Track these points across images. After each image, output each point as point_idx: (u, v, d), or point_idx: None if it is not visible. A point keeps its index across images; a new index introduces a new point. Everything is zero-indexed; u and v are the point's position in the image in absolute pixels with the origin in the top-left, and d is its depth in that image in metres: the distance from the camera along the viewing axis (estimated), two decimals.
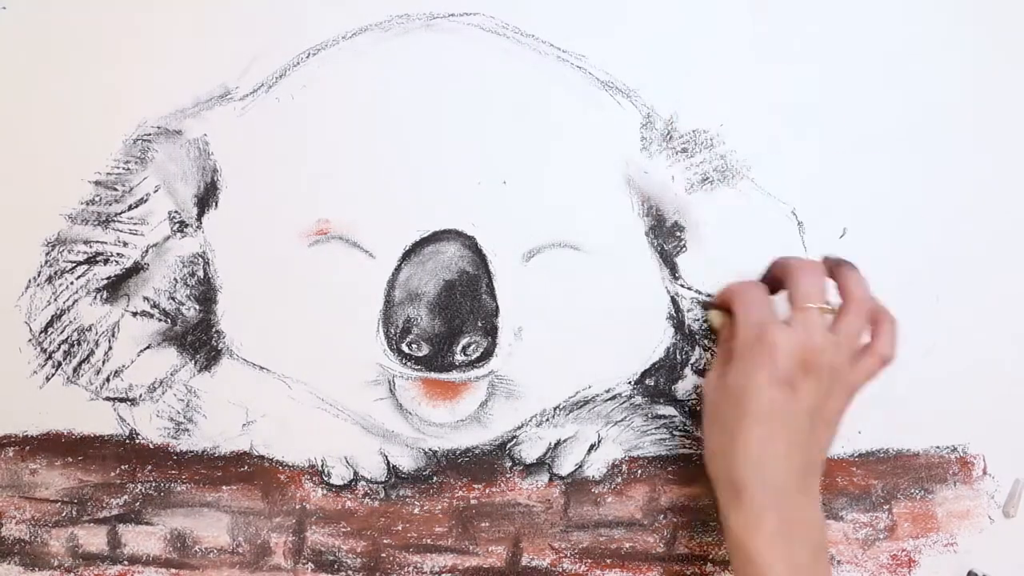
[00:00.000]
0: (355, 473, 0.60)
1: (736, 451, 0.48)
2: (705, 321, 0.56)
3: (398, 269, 0.56)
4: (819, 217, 0.57)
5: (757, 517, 0.47)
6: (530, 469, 0.60)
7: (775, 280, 0.53)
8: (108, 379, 0.58)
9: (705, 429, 0.52)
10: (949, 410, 0.60)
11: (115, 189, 0.56)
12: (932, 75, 0.56)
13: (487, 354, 0.57)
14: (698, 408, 0.57)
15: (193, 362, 0.58)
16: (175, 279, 0.57)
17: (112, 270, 0.57)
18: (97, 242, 0.57)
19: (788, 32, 0.55)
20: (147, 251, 0.57)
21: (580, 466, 0.60)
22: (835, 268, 0.52)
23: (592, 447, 0.60)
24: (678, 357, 0.59)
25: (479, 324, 0.56)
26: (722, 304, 0.54)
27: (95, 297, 0.57)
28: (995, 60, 0.56)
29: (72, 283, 0.57)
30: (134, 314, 0.58)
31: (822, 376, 0.48)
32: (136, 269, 0.57)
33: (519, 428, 0.59)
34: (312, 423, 0.59)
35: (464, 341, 0.56)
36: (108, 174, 0.56)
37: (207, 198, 0.56)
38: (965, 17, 0.55)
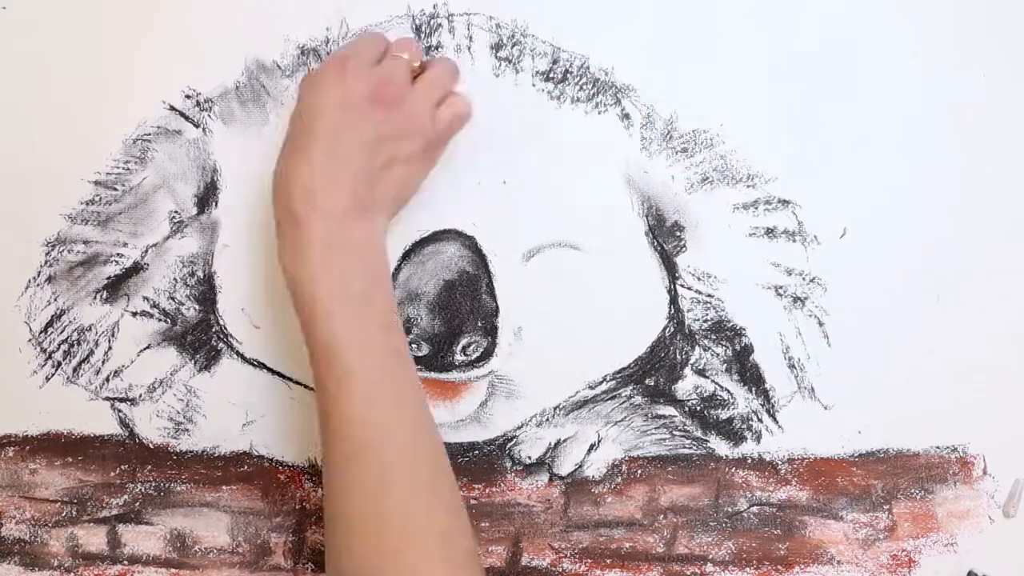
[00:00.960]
0: None
1: (295, 174, 0.46)
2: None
3: (398, 269, 0.56)
4: (819, 217, 0.57)
5: (305, 242, 0.46)
6: (530, 469, 0.60)
7: None
8: (108, 379, 0.58)
9: (279, 158, 0.49)
10: (949, 410, 0.60)
11: (115, 189, 0.56)
12: (934, 75, 0.56)
13: (487, 354, 0.57)
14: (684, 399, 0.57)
15: (193, 362, 0.58)
16: (175, 279, 0.57)
17: (112, 270, 0.57)
18: (97, 242, 0.57)
19: (789, 31, 0.55)
20: (147, 251, 0.57)
21: (580, 466, 0.60)
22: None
23: (592, 447, 0.60)
24: (678, 357, 0.59)
25: (479, 324, 0.56)
26: None
27: (95, 297, 0.57)
28: (998, 60, 0.56)
29: (72, 283, 0.57)
30: (134, 314, 0.58)
31: (393, 111, 0.48)
32: (136, 269, 0.57)
33: (519, 428, 0.59)
34: (312, 423, 0.59)
35: (464, 341, 0.56)
36: (108, 174, 0.56)
37: (207, 198, 0.56)
38: (967, 16, 0.55)
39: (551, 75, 0.55)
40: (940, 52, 0.55)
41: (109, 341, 0.58)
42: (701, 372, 0.59)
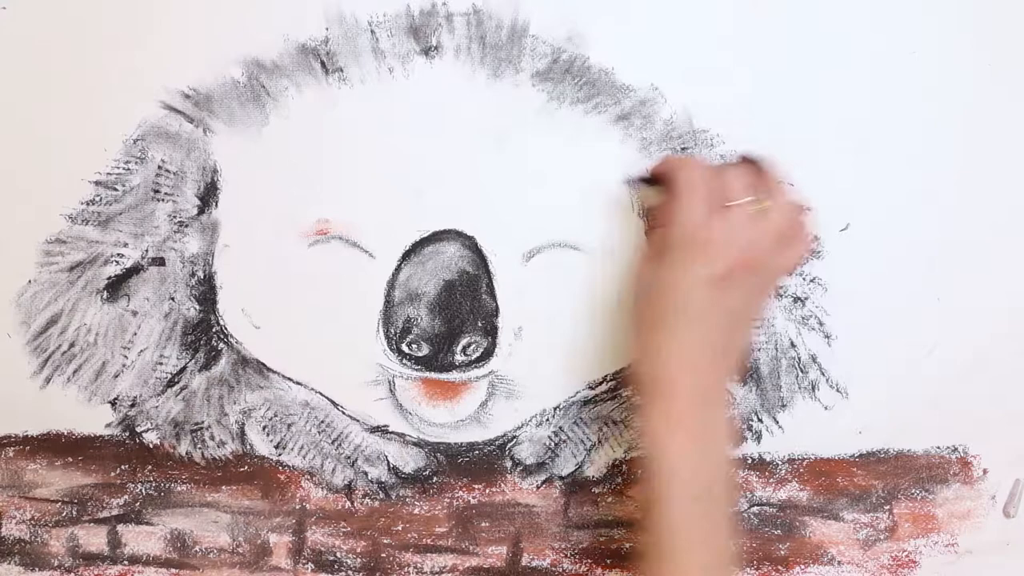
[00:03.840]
0: (355, 473, 0.60)
1: (668, 350, 0.47)
2: (638, 198, 0.54)
3: (398, 269, 0.56)
4: (821, 217, 0.57)
5: (676, 419, 0.46)
6: (530, 469, 0.60)
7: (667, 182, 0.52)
8: (108, 379, 0.58)
9: (635, 322, 0.50)
10: (949, 410, 0.60)
11: (115, 189, 0.56)
12: (934, 74, 0.56)
13: (487, 354, 0.57)
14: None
15: (193, 362, 0.58)
16: (175, 279, 0.57)
17: (112, 270, 0.57)
18: (97, 242, 0.57)
19: (790, 31, 0.55)
20: (147, 251, 0.57)
21: (580, 466, 0.60)
22: (756, 163, 0.51)
23: (592, 447, 0.60)
24: None
25: (479, 324, 0.56)
26: (659, 179, 0.52)
27: (95, 297, 0.57)
28: (998, 60, 0.56)
29: (72, 283, 0.57)
30: (134, 314, 0.58)
31: (755, 276, 0.48)
32: (136, 269, 0.57)
33: (519, 428, 0.59)
34: (312, 423, 0.59)
35: (464, 341, 0.56)
36: (108, 174, 0.56)
37: (207, 198, 0.56)
38: (968, 15, 0.55)
39: (551, 75, 0.55)
40: (940, 51, 0.55)
41: (109, 341, 0.58)
42: None
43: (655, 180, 0.53)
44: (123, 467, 0.60)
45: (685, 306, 0.47)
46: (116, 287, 0.57)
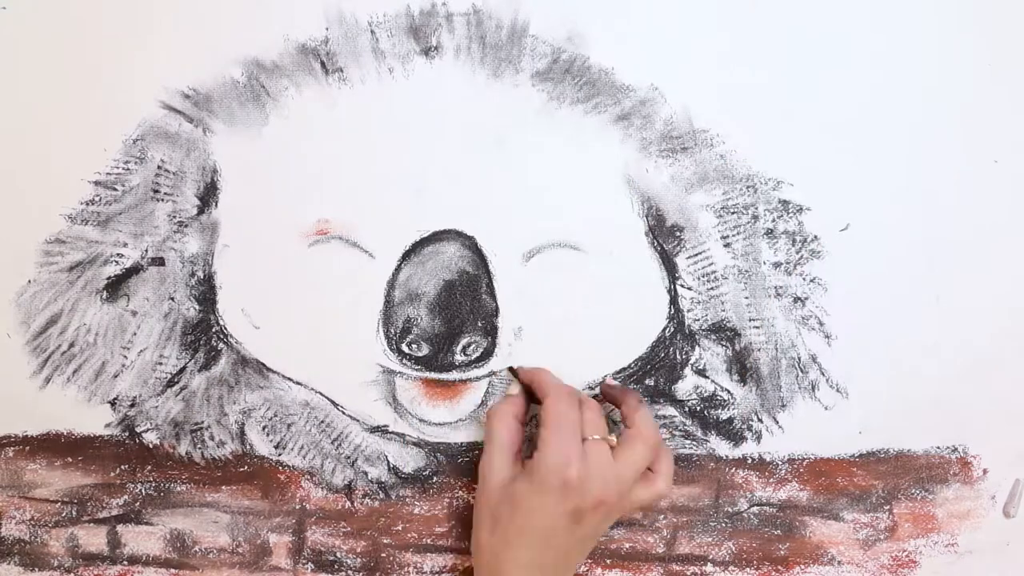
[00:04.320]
0: (355, 473, 0.60)
1: (506, 557, 0.50)
2: (508, 383, 0.57)
3: (398, 269, 0.56)
4: (821, 217, 0.57)
5: None
6: None
7: (532, 388, 0.55)
8: (108, 379, 0.58)
9: (481, 525, 0.52)
10: (949, 410, 0.60)
11: (115, 189, 0.56)
12: (934, 75, 0.56)
13: (487, 354, 0.57)
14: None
15: (193, 362, 0.58)
16: (175, 279, 0.57)
17: (112, 270, 0.57)
18: (97, 242, 0.57)
19: (790, 31, 0.55)
20: (147, 251, 0.57)
21: None
22: (620, 397, 0.55)
23: None
24: (678, 357, 0.59)
25: (479, 324, 0.56)
26: (534, 390, 0.55)
27: (95, 297, 0.57)
28: (999, 60, 0.56)
29: (72, 283, 0.57)
30: (133, 314, 0.58)
31: (609, 510, 0.51)
32: (136, 269, 0.57)
33: None
34: (312, 423, 0.59)
35: (464, 341, 0.56)
36: (108, 174, 0.56)
37: (207, 198, 0.56)
38: (969, 12, 0.55)
39: (551, 75, 0.55)
40: (940, 51, 0.55)
41: (109, 341, 0.58)
42: (701, 372, 0.59)
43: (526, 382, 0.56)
44: (123, 467, 0.60)
45: (535, 530, 0.50)
46: (116, 287, 0.57)
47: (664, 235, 0.57)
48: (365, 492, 0.60)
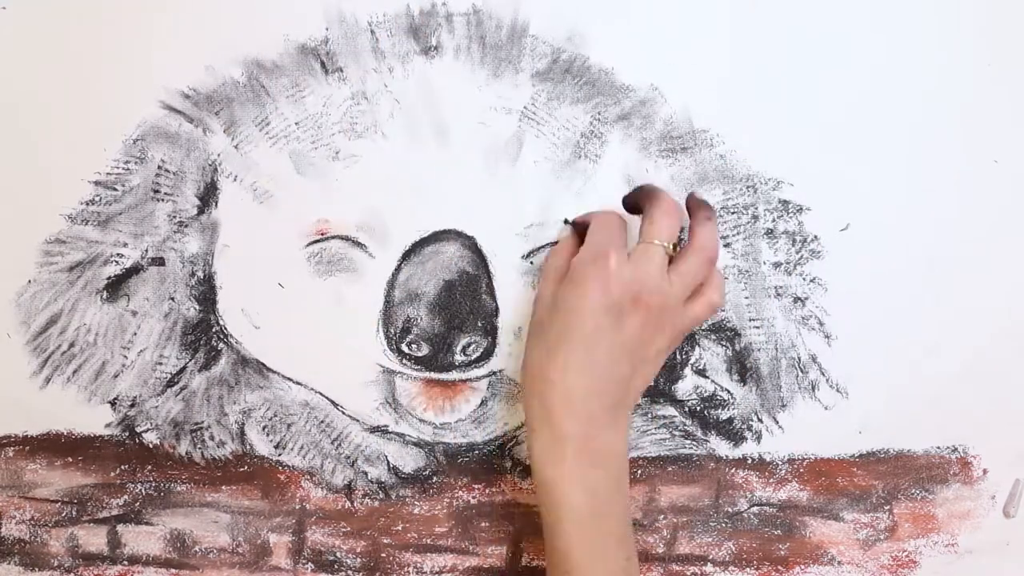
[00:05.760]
0: (355, 473, 0.60)
1: (552, 374, 0.47)
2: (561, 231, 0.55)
3: (398, 269, 0.56)
4: (821, 217, 0.57)
5: (561, 444, 0.47)
6: (530, 469, 0.60)
7: (636, 206, 0.52)
8: (108, 379, 0.58)
9: (528, 344, 0.50)
10: (949, 410, 0.60)
11: (115, 189, 0.56)
12: (934, 75, 0.56)
13: (487, 354, 0.57)
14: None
15: (193, 362, 0.58)
16: (175, 279, 0.57)
17: (112, 270, 0.57)
18: (97, 242, 0.57)
19: (790, 31, 0.55)
20: (147, 251, 0.57)
21: None
22: (694, 208, 0.52)
23: None
24: (678, 357, 0.59)
25: (479, 324, 0.56)
26: (581, 223, 0.53)
27: (95, 297, 0.57)
28: (999, 60, 0.56)
29: (72, 283, 0.57)
30: (134, 314, 0.58)
31: (651, 313, 0.47)
32: (136, 269, 0.57)
33: (519, 428, 0.59)
34: (312, 423, 0.59)
35: (464, 341, 0.56)
36: (108, 174, 0.56)
37: (207, 198, 0.56)
38: (969, 12, 0.55)
39: (551, 75, 0.55)
40: (940, 51, 0.55)
41: (109, 341, 0.58)
42: (701, 372, 0.59)
43: (579, 224, 0.54)
44: (123, 467, 0.60)
45: (572, 331, 0.47)
46: (116, 287, 0.57)
47: None
48: (365, 492, 0.60)
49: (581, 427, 0.47)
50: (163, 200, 0.56)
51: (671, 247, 0.49)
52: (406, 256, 0.56)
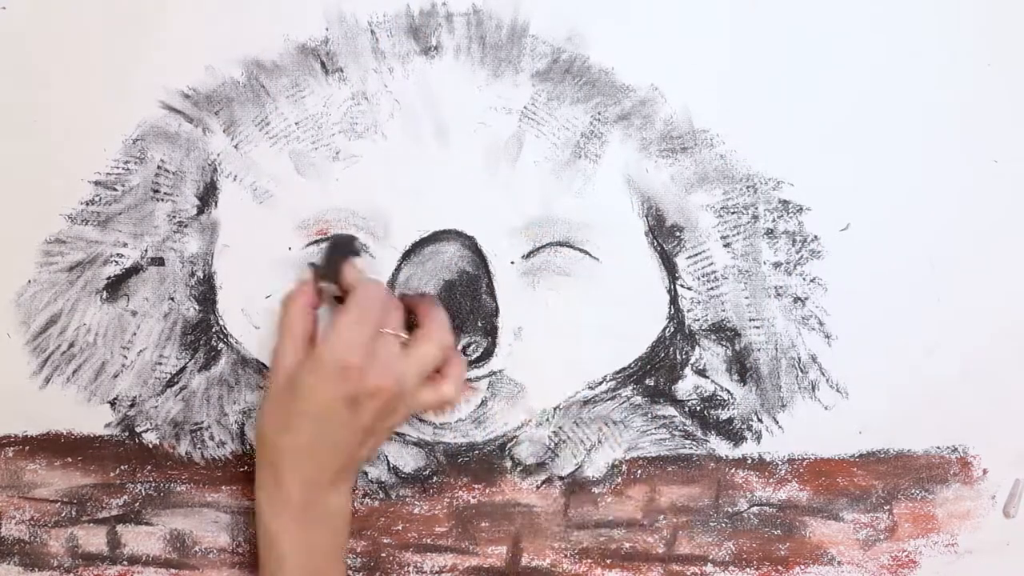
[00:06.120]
0: None
1: (286, 449, 0.51)
2: (318, 280, 0.55)
3: (398, 269, 0.56)
4: (821, 217, 0.57)
5: (284, 503, 0.51)
6: (530, 469, 0.60)
7: (344, 287, 0.54)
8: (107, 379, 0.58)
9: (264, 408, 0.52)
10: (949, 410, 0.60)
11: (115, 189, 0.56)
12: (935, 75, 0.56)
13: (487, 354, 0.57)
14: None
15: (193, 362, 0.58)
16: (175, 279, 0.57)
17: (112, 270, 0.57)
18: (97, 242, 0.57)
19: (789, 31, 0.55)
20: (147, 251, 0.57)
21: (580, 466, 0.60)
22: (414, 300, 0.54)
23: (592, 447, 0.60)
24: (678, 357, 0.59)
25: (479, 324, 0.56)
26: (340, 283, 0.53)
27: (95, 297, 0.57)
28: (999, 61, 0.56)
29: (72, 283, 0.57)
30: (133, 314, 0.58)
31: (387, 402, 0.50)
32: (136, 269, 0.57)
33: (519, 428, 0.59)
34: None
35: (464, 341, 0.56)
36: (108, 174, 0.56)
37: (207, 198, 0.56)
38: (969, 12, 0.55)
39: (551, 75, 0.55)
40: (940, 51, 0.55)
41: (109, 341, 0.58)
42: (701, 372, 0.59)
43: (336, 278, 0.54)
44: (123, 467, 0.60)
45: (313, 415, 0.50)
46: (116, 287, 0.57)
47: (664, 235, 0.57)
48: (365, 492, 0.60)
49: (306, 491, 0.51)
50: (163, 200, 0.56)
51: (403, 335, 0.52)
52: (406, 256, 0.56)
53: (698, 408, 0.59)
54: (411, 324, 0.53)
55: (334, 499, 0.52)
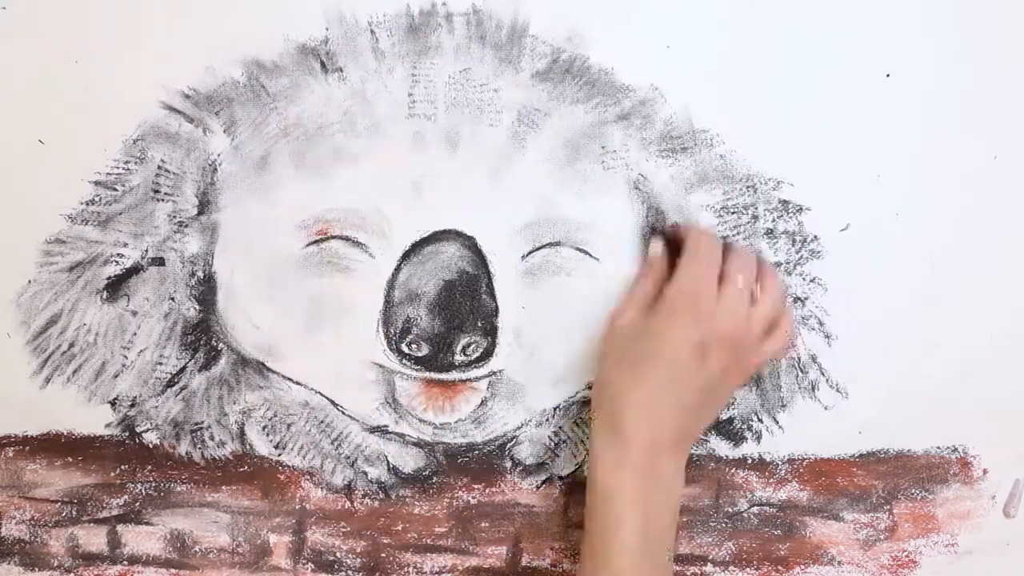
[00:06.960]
0: (355, 473, 0.60)
1: (632, 394, 0.49)
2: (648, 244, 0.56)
3: (398, 269, 0.56)
4: (821, 217, 0.57)
5: (632, 462, 0.48)
6: (530, 469, 0.60)
7: (671, 240, 0.54)
8: (108, 379, 0.58)
9: (606, 359, 0.52)
10: (949, 410, 0.60)
11: (115, 189, 0.56)
12: (934, 75, 0.56)
13: (487, 354, 0.57)
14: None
15: (193, 362, 0.58)
16: (175, 279, 0.57)
17: (112, 270, 0.57)
18: (97, 242, 0.57)
19: (789, 31, 0.55)
20: (147, 251, 0.57)
21: (580, 466, 0.60)
22: (761, 260, 0.54)
23: None
24: None
25: (479, 324, 0.56)
26: (674, 239, 0.55)
27: (95, 297, 0.57)
28: (999, 60, 0.56)
29: (72, 283, 0.57)
30: (134, 314, 0.58)
31: (733, 354, 0.50)
32: (136, 269, 0.57)
33: (519, 428, 0.59)
34: (312, 423, 0.59)
35: (464, 341, 0.56)
36: (108, 174, 0.56)
37: (207, 198, 0.56)
38: (969, 12, 0.55)
39: (551, 75, 0.55)
40: (940, 52, 0.55)
41: (109, 341, 0.58)
42: None
43: (669, 238, 0.55)
44: (123, 467, 0.60)
45: (663, 358, 0.49)
46: (116, 287, 0.57)
47: (664, 235, 0.57)
48: (365, 492, 0.60)
49: (649, 451, 0.49)
50: (163, 200, 0.56)
51: (751, 289, 0.51)
52: (406, 256, 0.56)
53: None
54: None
55: (671, 468, 0.50)
